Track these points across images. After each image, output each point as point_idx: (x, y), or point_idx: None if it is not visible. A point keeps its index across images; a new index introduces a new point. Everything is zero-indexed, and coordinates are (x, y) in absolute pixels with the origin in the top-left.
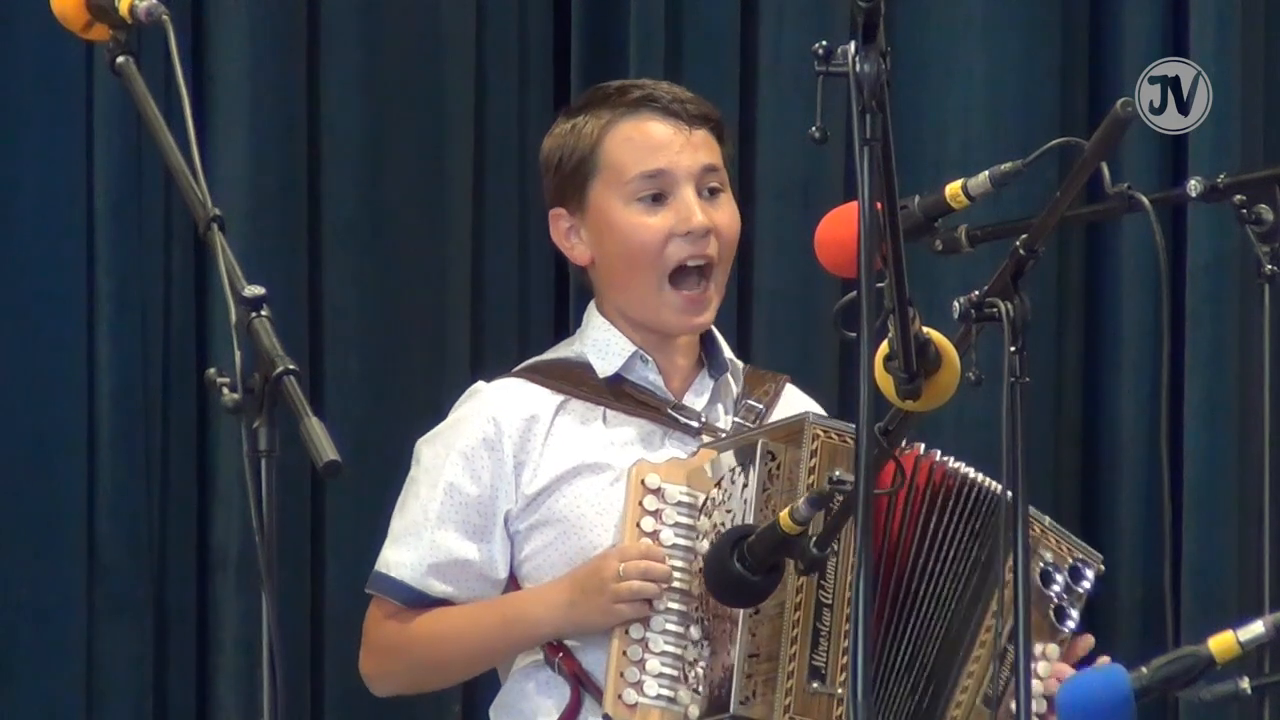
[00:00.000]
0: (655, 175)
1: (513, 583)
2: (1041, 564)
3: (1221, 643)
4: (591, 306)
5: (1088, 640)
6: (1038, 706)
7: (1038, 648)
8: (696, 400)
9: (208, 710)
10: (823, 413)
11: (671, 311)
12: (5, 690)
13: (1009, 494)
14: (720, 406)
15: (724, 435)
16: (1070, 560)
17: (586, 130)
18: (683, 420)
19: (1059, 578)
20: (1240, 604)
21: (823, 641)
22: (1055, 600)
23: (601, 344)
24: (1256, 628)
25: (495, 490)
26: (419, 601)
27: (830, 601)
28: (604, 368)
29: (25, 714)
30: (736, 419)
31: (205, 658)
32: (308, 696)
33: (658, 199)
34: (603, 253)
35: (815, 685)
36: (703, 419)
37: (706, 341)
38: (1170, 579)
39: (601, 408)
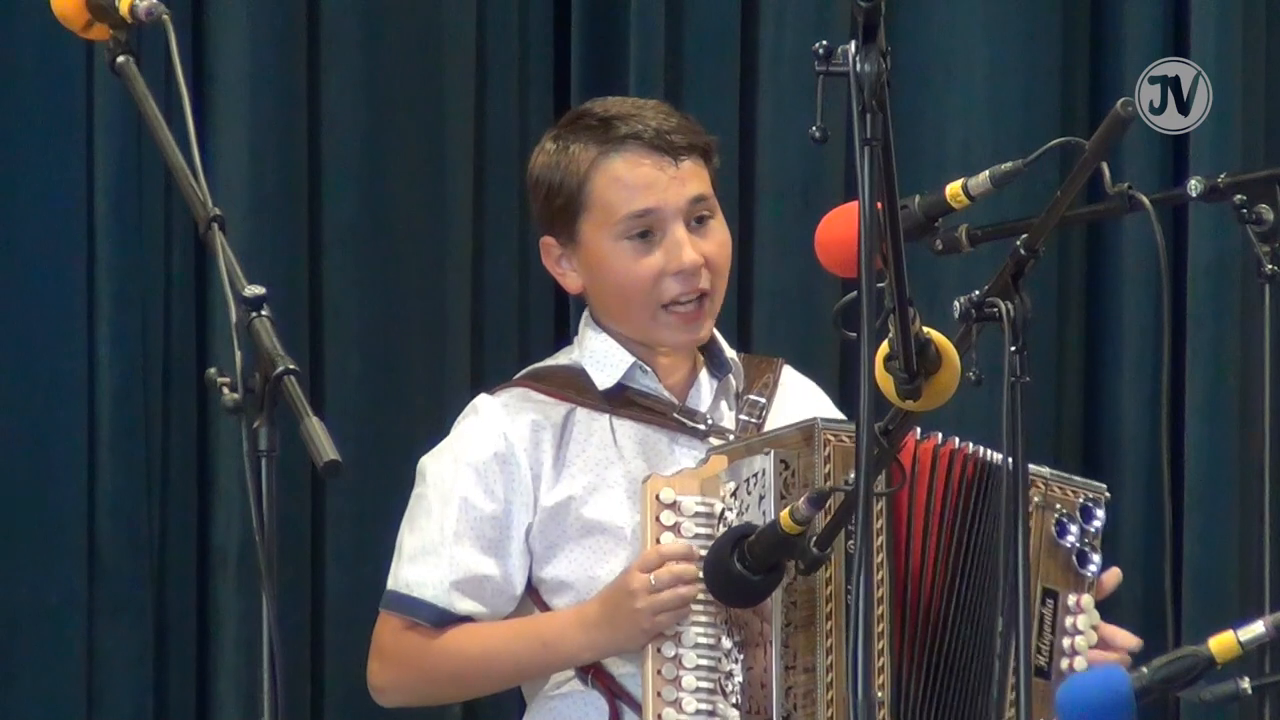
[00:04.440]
0: (644, 214)
1: (534, 596)
2: (1056, 516)
3: (1221, 643)
4: (586, 316)
5: (1114, 574)
6: (1079, 663)
7: (1070, 599)
8: (699, 401)
9: (208, 710)
10: (822, 393)
11: (669, 331)
12: (5, 690)
13: (1009, 494)
14: (724, 404)
15: (731, 435)
16: (1079, 503)
17: (574, 164)
18: (689, 424)
19: (1073, 527)
20: (1240, 604)
21: None
22: (1074, 548)
23: (600, 355)
24: (1256, 628)
25: (511, 505)
26: (444, 620)
27: None
28: (603, 380)
29: (25, 714)
30: (741, 415)
31: (205, 658)
32: (308, 696)
33: (646, 235)
34: (595, 285)
35: None
36: (709, 420)
37: (707, 343)
38: (1170, 579)
39: (607, 415)
